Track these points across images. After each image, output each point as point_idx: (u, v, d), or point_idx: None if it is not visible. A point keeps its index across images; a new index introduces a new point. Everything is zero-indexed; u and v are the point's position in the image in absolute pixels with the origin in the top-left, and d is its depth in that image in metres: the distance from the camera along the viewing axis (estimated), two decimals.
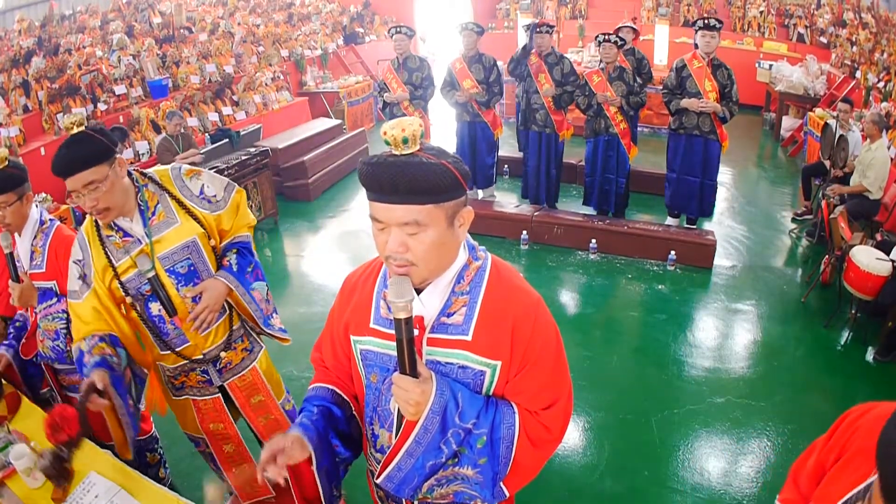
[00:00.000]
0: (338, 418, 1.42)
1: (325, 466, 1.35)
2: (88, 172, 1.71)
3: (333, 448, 1.40)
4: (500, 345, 1.26)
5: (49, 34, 6.65)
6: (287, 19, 9.70)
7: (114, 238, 1.88)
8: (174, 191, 1.94)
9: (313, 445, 1.30)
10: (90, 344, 1.83)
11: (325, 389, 1.45)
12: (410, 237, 1.16)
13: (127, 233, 1.88)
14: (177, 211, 1.92)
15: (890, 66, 6.74)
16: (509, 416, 1.28)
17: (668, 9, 9.63)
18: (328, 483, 1.37)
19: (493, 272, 1.30)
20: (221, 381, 2.16)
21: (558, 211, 5.60)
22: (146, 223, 1.88)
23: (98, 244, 1.87)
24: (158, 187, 1.92)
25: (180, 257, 1.92)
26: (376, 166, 1.13)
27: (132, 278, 1.88)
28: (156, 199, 1.91)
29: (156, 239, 1.88)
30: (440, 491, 1.35)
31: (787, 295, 4.45)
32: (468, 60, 5.47)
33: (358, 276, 1.43)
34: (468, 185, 1.22)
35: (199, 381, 2.13)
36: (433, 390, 1.21)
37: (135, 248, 1.87)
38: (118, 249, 1.87)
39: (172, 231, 1.91)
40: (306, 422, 1.35)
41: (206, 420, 2.22)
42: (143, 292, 1.91)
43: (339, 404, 1.44)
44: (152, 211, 1.89)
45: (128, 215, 1.87)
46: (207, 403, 2.18)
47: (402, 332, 1.16)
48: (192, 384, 2.14)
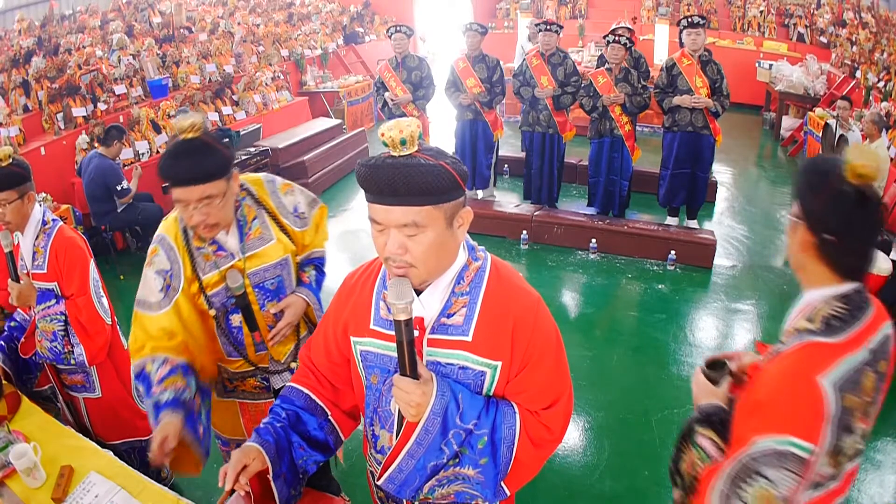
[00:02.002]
0: (306, 423, 1.44)
1: (283, 474, 1.38)
2: (208, 186, 1.59)
3: (297, 450, 1.43)
4: (501, 345, 1.26)
5: (49, 34, 6.64)
6: (287, 19, 9.70)
7: (205, 250, 1.76)
8: (271, 207, 1.87)
9: (270, 458, 1.34)
10: (161, 373, 1.69)
11: (299, 393, 1.47)
12: (409, 239, 1.16)
13: (221, 247, 1.77)
14: (272, 228, 1.85)
15: (890, 65, 6.74)
16: (510, 417, 1.28)
17: (668, 8, 9.62)
18: (287, 488, 1.40)
19: (492, 272, 1.30)
20: (278, 386, 2.06)
21: (558, 211, 5.60)
22: (242, 238, 1.80)
23: (186, 255, 1.75)
24: (256, 203, 1.84)
25: (272, 275, 1.86)
26: (374, 168, 1.13)
27: (218, 293, 1.78)
28: (253, 214, 1.83)
29: (249, 255, 1.80)
30: (441, 491, 1.35)
31: (787, 295, 4.45)
32: (472, 60, 5.47)
33: (357, 277, 1.43)
34: (467, 186, 1.22)
35: (254, 387, 2.03)
36: (434, 391, 1.21)
37: (225, 263, 1.78)
38: (207, 262, 1.76)
39: (267, 248, 1.84)
40: (268, 429, 1.39)
41: (251, 423, 2.10)
42: (227, 306, 1.83)
43: (310, 410, 1.45)
44: (249, 226, 1.81)
45: (226, 229, 1.77)
46: (258, 407, 2.07)
47: (402, 334, 1.16)
48: (246, 389, 2.04)
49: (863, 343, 1.16)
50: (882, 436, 3.08)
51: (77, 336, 2.24)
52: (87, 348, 2.26)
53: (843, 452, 1.18)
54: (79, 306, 2.23)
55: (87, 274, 2.25)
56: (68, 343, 2.24)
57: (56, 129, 5.52)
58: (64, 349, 2.25)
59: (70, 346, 2.25)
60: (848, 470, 1.23)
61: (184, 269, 1.76)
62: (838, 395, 1.11)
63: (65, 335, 2.23)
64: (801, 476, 1.12)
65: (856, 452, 1.23)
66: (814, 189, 1.17)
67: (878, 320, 1.20)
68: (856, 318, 1.17)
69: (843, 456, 1.19)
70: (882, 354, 1.20)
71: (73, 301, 2.23)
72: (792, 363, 1.16)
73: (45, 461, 1.87)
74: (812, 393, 1.11)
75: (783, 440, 1.11)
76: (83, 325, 2.23)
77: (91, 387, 2.42)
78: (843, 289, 1.19)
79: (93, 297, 2.26)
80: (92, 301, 2.25)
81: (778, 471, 1.11)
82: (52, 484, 1.79)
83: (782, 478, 1.11)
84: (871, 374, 1.17)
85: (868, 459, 2.92)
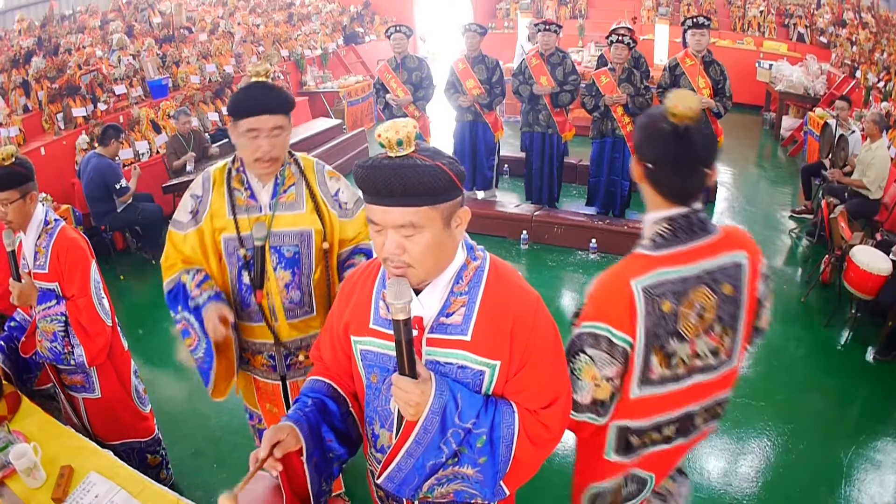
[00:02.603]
0: (333, 413, 1.42)
1: (315, 458, 1.35)
2: (279, 117, 1.79)
3: (326, 442, 1.40)
4: (500, 344, 1.26)
5: (49, 34, 6.64)
6: (287, 19, 9.70)
7: (240, 193, 1.92)
8: (312, 181, 1.98)
9: (304, 436, 1.31)
10: (197, 279, 1.89)
11: (321, 383, 1.46)
12: (407, 239, 1.17)
13: (254, 195, 1.92)
14: (306, 200, 1.96)
15: (890, 65, 6.73)
16: (509, 416, 1.28)
17: (668, 8, 9.62)
18: (318, 476, 1.37)
19: (491, 272, 1.30)
20: (284, 372, 2.14)
21: (558, 211, 5.59)
22: (275, 196, 1.92)
23: (223, 190, 1.92)
24: (300, 172, 1.97)
25: (290, 242, 1.95)
26: (371, 169, 1.14)
27: (245, 237, 1.91)
28: (293, 181, 1.95)
29: (277, 215, 1.92)
30: (440, 490, 1.35)
31: (787, 295, 4.45)
32: (471, 61, 5.46)
33: (357, 276, 1.43)
34: (465, 186, 1.22)
35: (263, 365, 2.14)
36: (432, 391, 1.22)
37: (254, 213, 1.92)
38: (239, 206, 1.92)
39: (294, 215, 1.94)
40: (298, 414, 1.35)
41: (264, 399, 2.25)
42: (241, 256, 1.94)
43: (335, 399, 1.44)
44: (285, 188, 1.94)
45: (265, 181, 1.92)
46: (268, 385, 2.20)
47: (400, 334, 1.16)
48: (256, 365, 2.15)
49: (690, 261, 1.40)
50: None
51: (77, 337, 2.24)
52: (87, 349, 2.26)
53: (675, 356, 1.43)
54: (79, 307, 2.23)
55: (88, 275, 2.25)
56: (68, 344, 2.24)
57: (56, 129, 5.52)
58: (64, 350, 2.25)
59: (70, 346, 2.25)
60: (698, 381, 1.49)
61: (216, 200, 1.92)
62: (651, 298, 1.37)
63: (65, 336, 2.23)
64: (618, 362, 1.40)
65: (702, 366, 1.47)
66: (640, 127, 1.43)
67: (722, 247, 1.43)
68: (679, 239, 1.40)
69: (678, 360, 1.44)
70: (725, 278, 1.43)
71: (74, 302, 2.23)
72: (616, 268, 1.44)
73: (45, 461, 1.87)
74: (623, 291, 1.38)
75: (600, 325, 1.40)
76: (83, 326, 2.23)
77: (91, 387, 2.42)
78: (669, 212, 1.42)
79: (93, 299, 2.26)
80: (92, 302, 2.25)
81: (595, 350, 1.40)
82: (52, 484, 1.80)
83: (600, 357, 1.40)
84: (705, 291, 1.41)
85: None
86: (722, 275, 1.42)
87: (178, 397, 3.57)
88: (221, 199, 1.91)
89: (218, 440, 3.16)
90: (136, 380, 2.57)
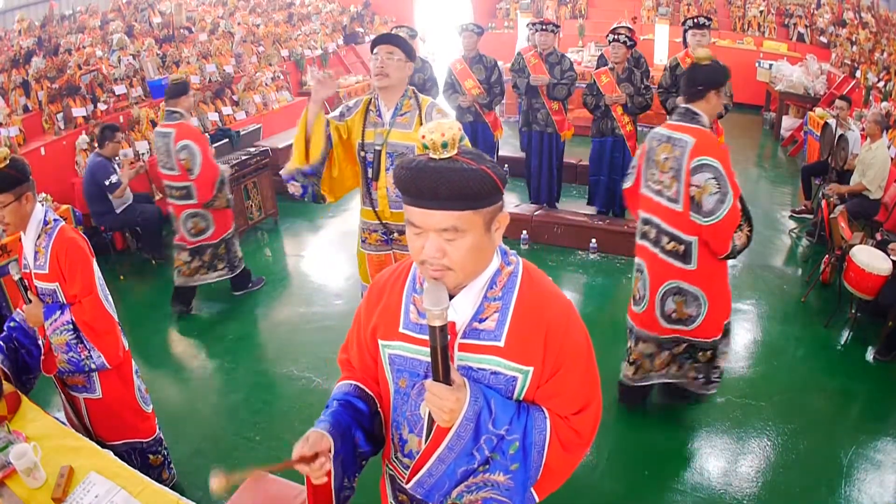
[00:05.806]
0: (362, 412, 1.41)
1: (340, 455, 1.33)
2: (396, 49, 2.54)
3: (354, 440, 1.38)
4: (533, 350, 1.25)
5: (49, 34, 6.64)
6: (287, 19, 9.69)
7: (372, 113, 2.69)
8: (423, 111, 2.67)
9: (332, 436, 1.29)
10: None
11: (349, 385, 1.45)
12: (448, 242, 1.15)
13: (380, 114, 2.68)
14: (416, 123, 2.63)
15: (890, 65, 6.73)
16: (541, 422, 1.27)
17: (668, 8, 9.61)
18: (342, 472, 1.36)
19: (524, 277, 1.29)
20: (395, 243, 2.83)
21: (558, 210, 5.59)
22: (394, 116, 2.65)
23: (364, 110, 2.69)
24: (416, 103, 2.68)
25: (398, 150, 2.64)
26: (415, 170, 1.12)
27: (369, 143, 2.67)
28: (409, 108, 2.67)
29: (392, 130, 2.64)
30: (469, 497, 1.34)
31: (787, 294, 4.45)
32: (469, 61, 5.46)
33: (387, 279, 1.41)
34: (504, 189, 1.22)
35: (377, 240, 2.86)
36: (467, 397, 1.20)
37: (379, 128, 2.67)
38: (370, 122, 2.68)
39: (405, 133, 2.64)
40: (326, 418, 1.34)
41: (375, 269, 2.89)
42: (365, 157, 2.69)
43: (363, 399, 1.43)
44: (402, 112, 2.66)
45: (389, 104, 2.65)
46: (380, 257, 2.90)
47: (436, 340, 1.15)
48: (371, 242, 2.88)
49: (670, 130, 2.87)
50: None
51: (88, 339, 2.24)
52: (102, 349, 2.27)
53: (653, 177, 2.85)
54: (84, 308, 2.23)
55: (90, 272, 2.25)
56: (84, 349, 2.25)
57: (56, 129, 5.52)
58: (81, 356, 2.26)
59: (86, 350, 2.25)
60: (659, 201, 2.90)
61: (358, 115, 2.69)
62: (648, 141, 2.90)
63: (78, 342, 2.24)
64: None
65: (658, 189, 2.87)
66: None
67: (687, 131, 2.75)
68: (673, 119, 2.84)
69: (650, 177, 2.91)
70: (678, 146, 2.79)
71: (79, 304, 2.23)
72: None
73: (45, 461, 1.87)
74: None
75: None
76: (90, 325, 2.23)
77: (92, 387, 2.42)
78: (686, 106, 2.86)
79: (100, 295, 2.26)
80: (99, 299, 2.25)
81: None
82: (52, 484, 1.80)
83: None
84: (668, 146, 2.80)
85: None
86: (678, 143, 2.66)
87: (178, 397, 3.57)
88: (361, 117, 2.68)
89: (218, 440, 3.16)
90: (138, 380, 2.57)
